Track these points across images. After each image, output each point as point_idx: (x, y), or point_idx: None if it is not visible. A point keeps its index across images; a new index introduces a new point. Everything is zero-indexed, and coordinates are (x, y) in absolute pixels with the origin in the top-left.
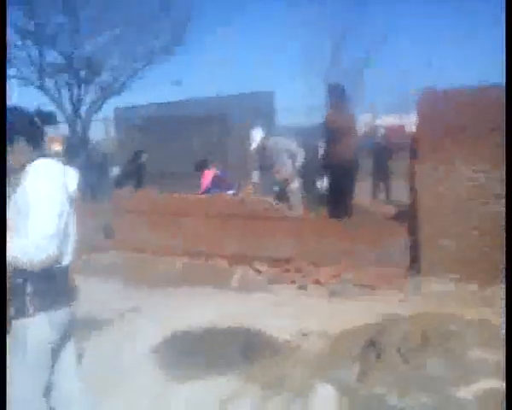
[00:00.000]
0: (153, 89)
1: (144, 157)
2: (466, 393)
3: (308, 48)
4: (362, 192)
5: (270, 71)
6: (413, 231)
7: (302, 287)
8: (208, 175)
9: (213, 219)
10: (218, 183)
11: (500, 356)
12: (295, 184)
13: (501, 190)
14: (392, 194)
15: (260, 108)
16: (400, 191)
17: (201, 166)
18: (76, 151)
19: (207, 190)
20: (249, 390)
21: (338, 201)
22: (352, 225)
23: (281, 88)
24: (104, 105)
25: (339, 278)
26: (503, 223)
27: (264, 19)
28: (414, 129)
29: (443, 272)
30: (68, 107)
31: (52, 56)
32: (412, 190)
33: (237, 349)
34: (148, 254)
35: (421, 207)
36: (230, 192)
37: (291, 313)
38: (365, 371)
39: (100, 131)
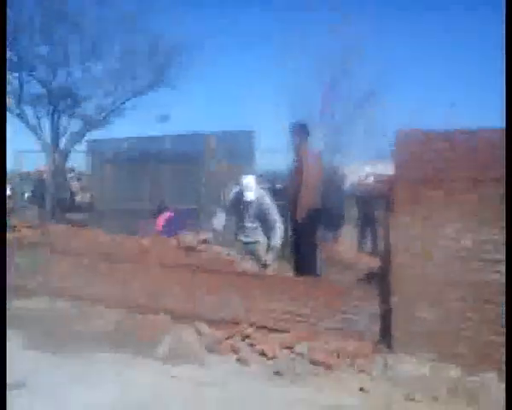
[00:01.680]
0: (136, 123)
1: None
2: None
3: (295, 92)
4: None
5: (253, 110)
6: (385, 297)
7: (243, 361)
8: (162, 218)
9: (160, 269)
10: (172, 225)
11: None
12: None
13: (491, 254)
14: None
15: (239, 149)
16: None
17: (159, 211)
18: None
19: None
20: None
21: (301, 255)
22: (317, 285)
23: (262, 129)
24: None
25: (289, 351)
26: (494, 294)
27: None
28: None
29: (418, 350)
30: (47, 137)
31: (32, 85)
32: (386, 247)
33: None
34: (68, 303)
35: (396, 268)
36: (186, 233)
37: (218, 401)
38: None
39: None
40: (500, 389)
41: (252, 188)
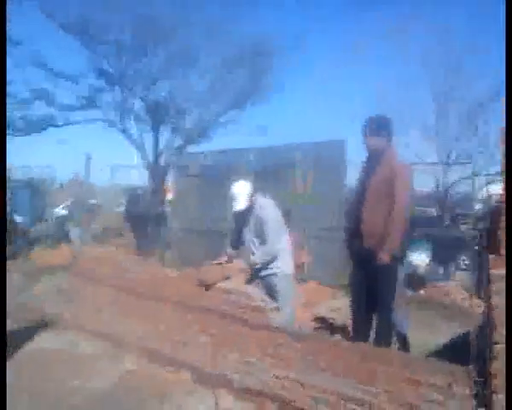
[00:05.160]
0: (231, 135)
1: None
2: None
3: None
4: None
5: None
6: (485, 392)
7: None
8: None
9: (183, 310)
10: None
11: None
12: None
13: None
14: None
15: (328, 159)
16: None
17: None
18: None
19: None
20: None
21: (368, 310)
22: (384, 358)
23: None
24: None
25: None
26: None
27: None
28: None
29: None
30: (149, 153)
31: (135, 101)
32: (487, 306)
33: None
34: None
35: (497, 344)
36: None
37: None
38: None
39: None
40: None
41: (239, 196)
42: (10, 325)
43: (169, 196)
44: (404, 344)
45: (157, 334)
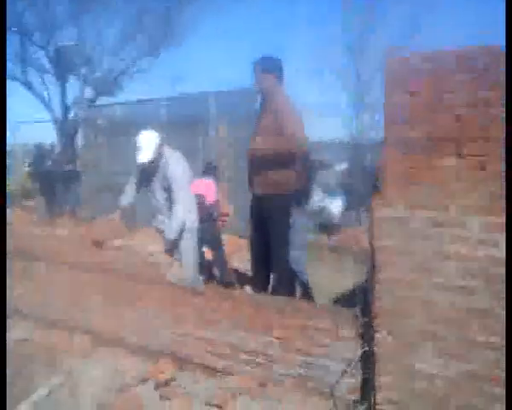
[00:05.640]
0: (144, 85)
1: None
2: None
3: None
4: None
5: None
6: (368, 333)
7: None
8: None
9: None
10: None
11: None
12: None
13: None
14: None
15: (243, 108)
16: None
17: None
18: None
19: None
20: None
21: (264, 259)
22: (280, 308)
23: None
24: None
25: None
26: None
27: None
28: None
29: None
30: (56, 107)
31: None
32: (371, 250)
33: None
34: None
35: (381, 287)
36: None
37: None
38: None
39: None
40: None
41: (144, 147)
42: None
43: None
44: (306, 291)
45: (50, 298)
